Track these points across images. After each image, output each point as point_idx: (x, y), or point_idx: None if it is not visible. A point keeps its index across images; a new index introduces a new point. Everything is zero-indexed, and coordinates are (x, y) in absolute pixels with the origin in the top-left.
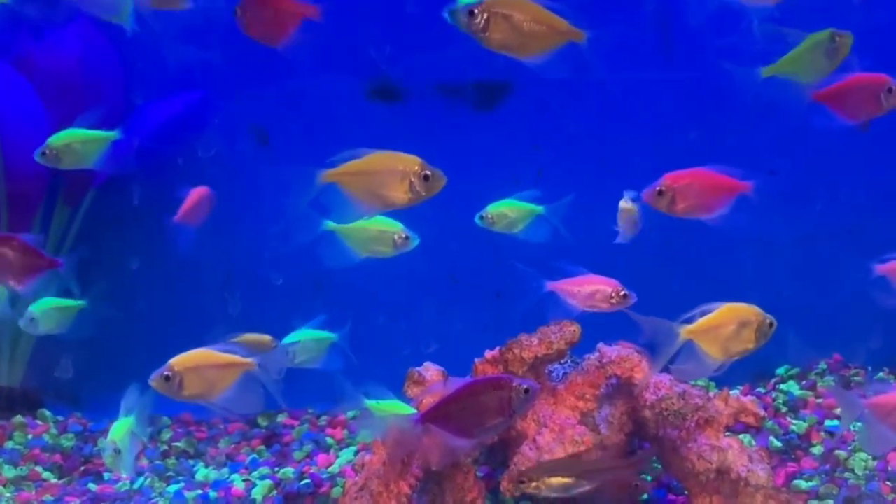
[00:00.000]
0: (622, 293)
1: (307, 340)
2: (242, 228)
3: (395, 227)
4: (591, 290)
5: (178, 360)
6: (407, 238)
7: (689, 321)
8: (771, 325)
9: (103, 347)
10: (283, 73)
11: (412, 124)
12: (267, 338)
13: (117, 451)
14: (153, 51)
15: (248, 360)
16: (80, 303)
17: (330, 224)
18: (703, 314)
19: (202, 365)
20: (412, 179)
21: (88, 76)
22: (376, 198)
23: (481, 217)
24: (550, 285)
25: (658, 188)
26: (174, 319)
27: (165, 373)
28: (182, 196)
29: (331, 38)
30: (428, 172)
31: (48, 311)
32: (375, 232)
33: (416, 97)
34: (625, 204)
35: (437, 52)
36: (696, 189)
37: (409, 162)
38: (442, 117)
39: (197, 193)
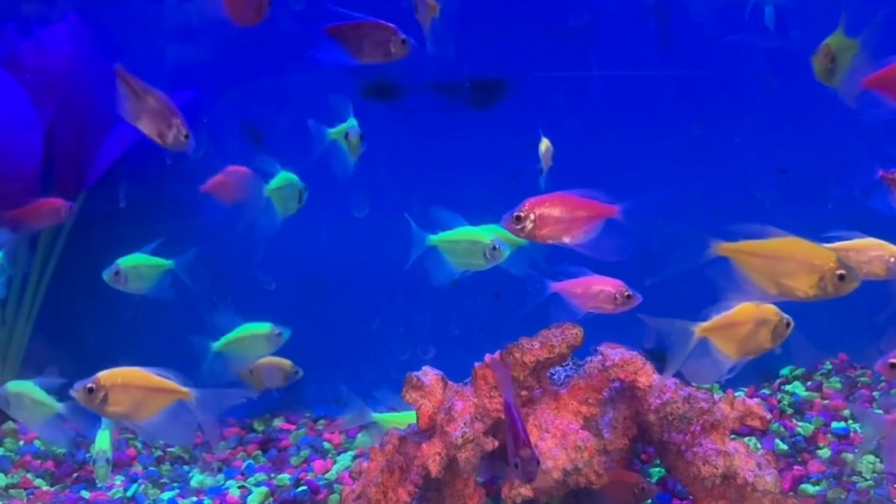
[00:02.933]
0: (626, 294)
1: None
2: (233, 229)
3: (486, 239)
4: (596, 290)
5: (107, 375)
6: (496, 249)
7: (704, 318)
8: (788, 324)
9: (96, 350)
10: (278, 71)
11: (408, 122)
12: (287, 362)
13: (109, 462)
14: (143, 50)
15: (185, 389)
16: (167, 263)
17: (432, 238)
18: (718, 312)
19: (132, 384)
20: (825, 276)
21: (77, 74)
22: (776, 285)
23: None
24: (554, 286)
25: (516, 214)
26: (166, 322)
27: (89, 385)
28: (214, 167)
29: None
30: (844, 272)
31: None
32: (466, 244)
33: (412, 95)
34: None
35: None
36: (558, 214)
37: (825, 257)
38: (438, 116)
39: (233, 170)
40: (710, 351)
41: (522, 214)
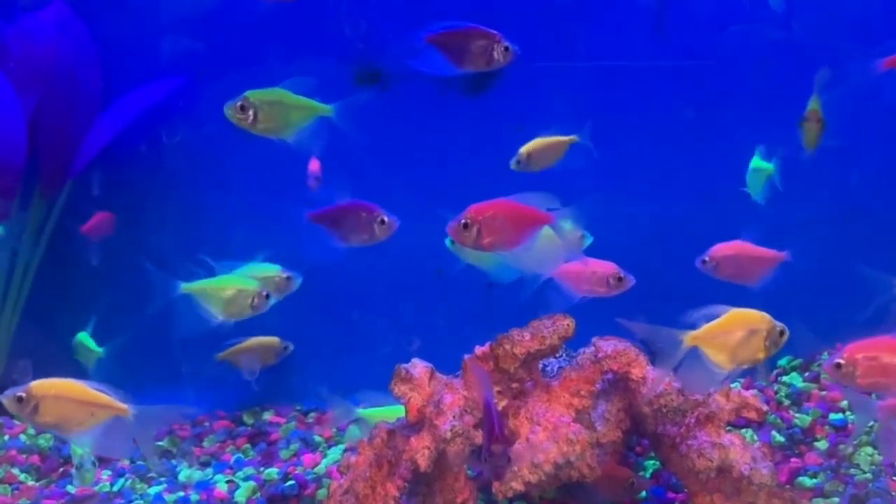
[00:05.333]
0: (619, 276)
1: None
2: (210, 219)
3: (567, 226)
4: (588, 273)
5: (40, 385)
6: (582, 236)
7: (691, 326)
8: (782, 333)
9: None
10: (268, 58)
11: (398, 110)
12: (275, 340)
13: (95, 465)
14: (129, 37)
15: (121, 405)
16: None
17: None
18: (706, 320)
19: (65, 396)
20: None
21: (63, 62)
22: None
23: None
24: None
25: (463, 221)
26: (147, 318)
27: (20, 394)
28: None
29: (317, 21)
30: None
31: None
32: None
33: (403, 82)
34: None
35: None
36: (501, 221)
37: None
38: (429, 103)
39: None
40: (702, 360)
41: (469, 221)
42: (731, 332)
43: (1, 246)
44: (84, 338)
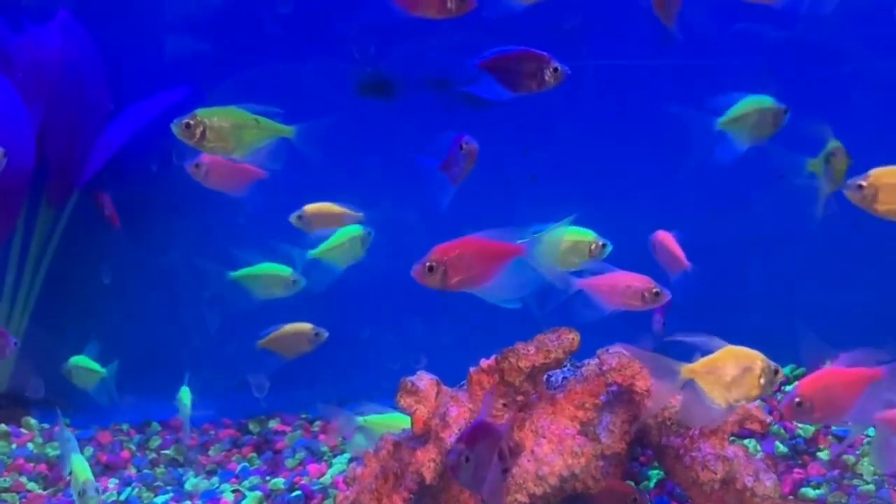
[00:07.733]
0: (655, 290)
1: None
2: (222, 236)
3: (589, 237)
4: (623, 287)
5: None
6: (604, 245)
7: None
8: (776, 372)
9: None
10: (272, 67)
11: (405, 121)
12: (308, 326)
13: (98, 490)
14: (136, 47)
15: None
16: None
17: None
18: (703, 354)
19: None
20: None
21: (70, 72)
22: None
23: None
24: (579, 283)
25: (427, 264)
26: (154, 328)
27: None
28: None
29: (323, 31)
30: None
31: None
32: (569, 244)
33: (409, 92)
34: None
35: (431, 47)
36: (468, 259)
37: None
38: (436, 113)
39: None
40: (700, 393)
41: (434, 264)
42: (725, 369)
43: (9, 254)
44: (81, 361)
